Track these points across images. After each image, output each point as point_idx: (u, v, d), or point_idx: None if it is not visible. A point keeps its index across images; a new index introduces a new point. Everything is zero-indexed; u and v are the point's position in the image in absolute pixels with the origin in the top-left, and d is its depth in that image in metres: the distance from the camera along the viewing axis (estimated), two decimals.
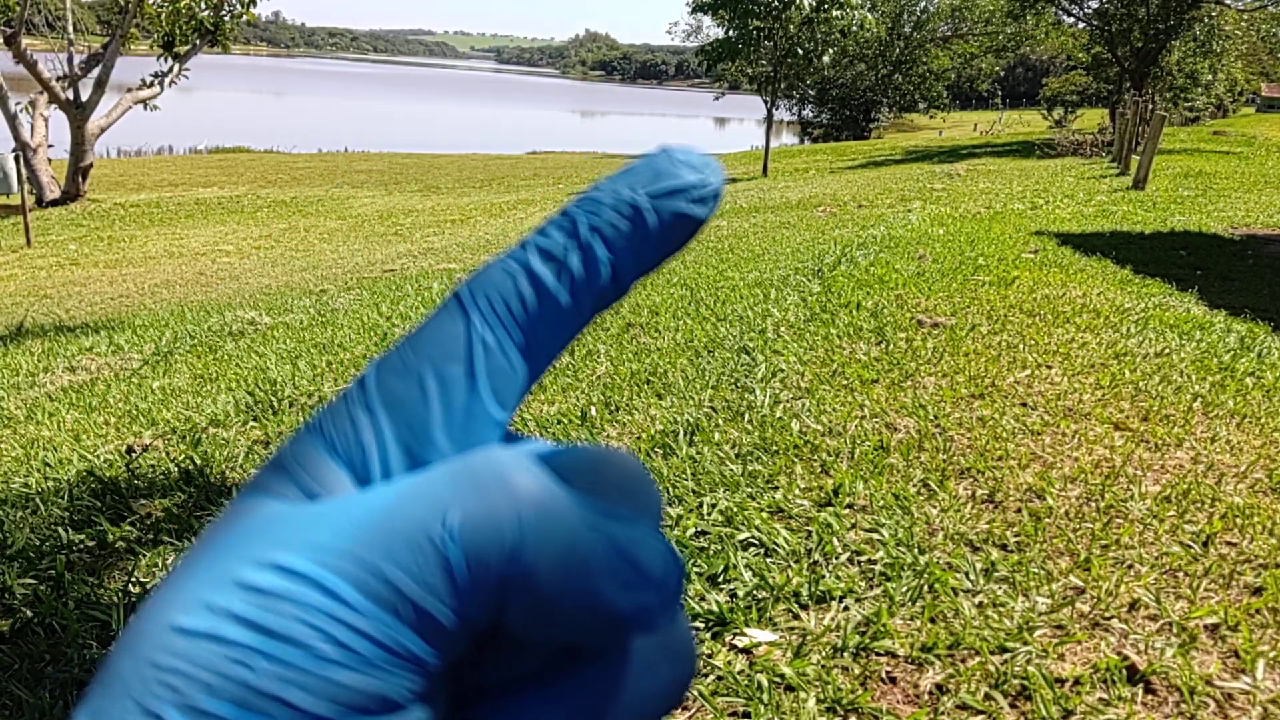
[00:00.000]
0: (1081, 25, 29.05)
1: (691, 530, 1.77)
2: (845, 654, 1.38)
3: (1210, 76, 30.31)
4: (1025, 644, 1.39)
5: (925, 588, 1.55)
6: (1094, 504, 1.87)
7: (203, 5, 16.14)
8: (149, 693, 0.14)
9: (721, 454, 2.14)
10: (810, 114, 41.97)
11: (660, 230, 0.18)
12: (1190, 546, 1.69)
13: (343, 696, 0.14)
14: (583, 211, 0.18)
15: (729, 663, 1.37)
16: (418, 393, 0.18)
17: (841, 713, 1.26)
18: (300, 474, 0.17)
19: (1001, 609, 1.49)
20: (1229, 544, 1.71)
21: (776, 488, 1.95)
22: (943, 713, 1.26)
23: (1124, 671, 1.33)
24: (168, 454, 2.45)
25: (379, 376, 0.18)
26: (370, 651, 0.14)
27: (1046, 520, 1.80)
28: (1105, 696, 1.28)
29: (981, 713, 1.25)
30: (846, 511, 1.84)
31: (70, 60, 15.81)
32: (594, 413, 2.53)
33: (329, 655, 0.14)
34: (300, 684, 0.14)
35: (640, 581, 0.17)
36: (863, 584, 1.57)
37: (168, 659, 0.14)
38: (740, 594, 1.54)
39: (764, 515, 1.81)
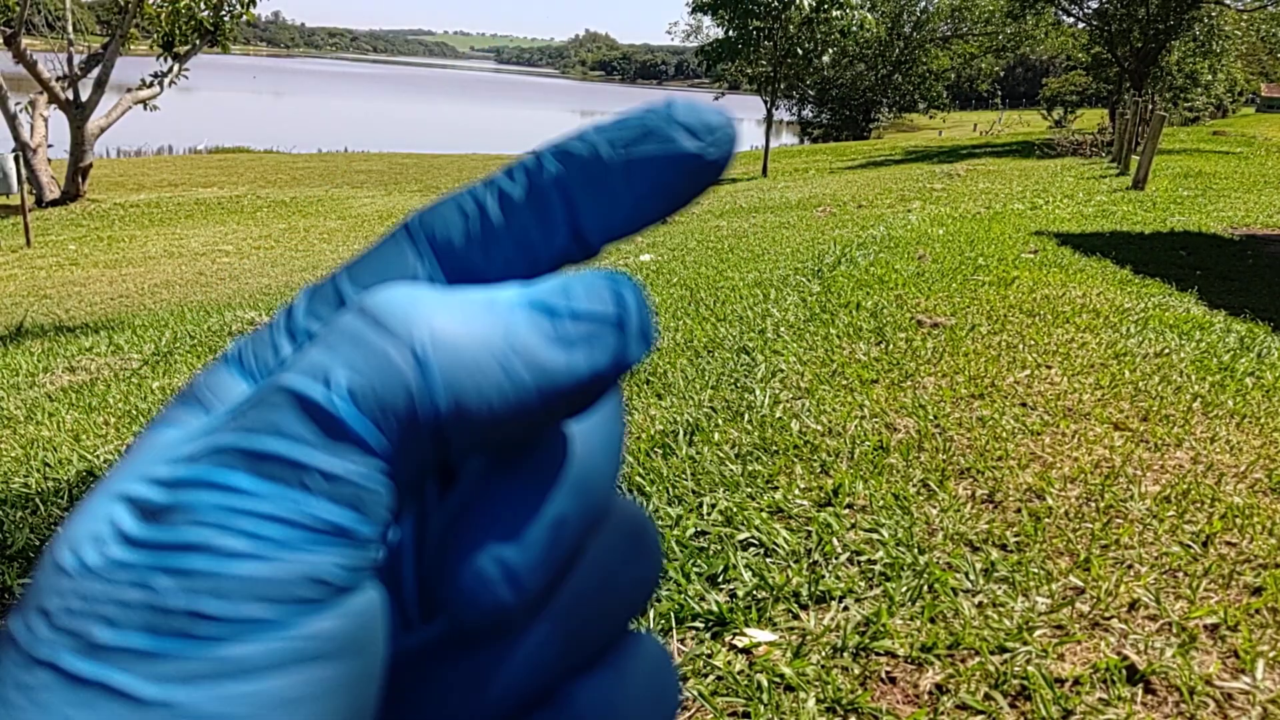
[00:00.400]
0: (1081, 25, 29.07)
1: (691, 530, 1.77)
2: (845, 654, 1.38)
3: (1210, 76, 30.33)
4: (1025, 644, 1.39)
5: (925, 588, 1.55)
6: (1094, 504, 1.87)
7: (202, 5, 16.14)
8: (38, 642, 0.13)
9: (721, 454, 2.14)
10: (810, 114, 41.98)
11: (634, 197, 0.17)
12: (1190, 546, 1.69)
13: (268, 591, 0.13)
14: (553, 160, 0.17)
15: (729, 663, 1.37)
16: None
17: (841, 713, 1.26)
18: (213, 403, 0.16)
19: (1001, 609, 1.49)
20: (1229, 544, 1.71)
21: (776, 488, 1.95)
22: (942, 713, 1.26)
23: (1124, 671, 1.33)
24: None
25: (310, 304, 0.17)
26: (283, 534, 0.13)
27: (1046, 520, 1.80)
28: (1105, 696, 1.28)
29: (981, 713, 1.25)
30: (846, 511, 1.84)
31: (70, 60, 15.82)
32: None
33: (237, 549, 0.13)
34: (213, 590, 0.13)
35: (590, 330, 0.15)
36: (862, 584, 1.57)
37: (56, 602, 0.13)
38: (740, 594, 1.54)
39: (764, 515, 1.81)
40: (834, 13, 18.48)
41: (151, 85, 16.60)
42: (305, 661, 0.13)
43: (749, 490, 1.94)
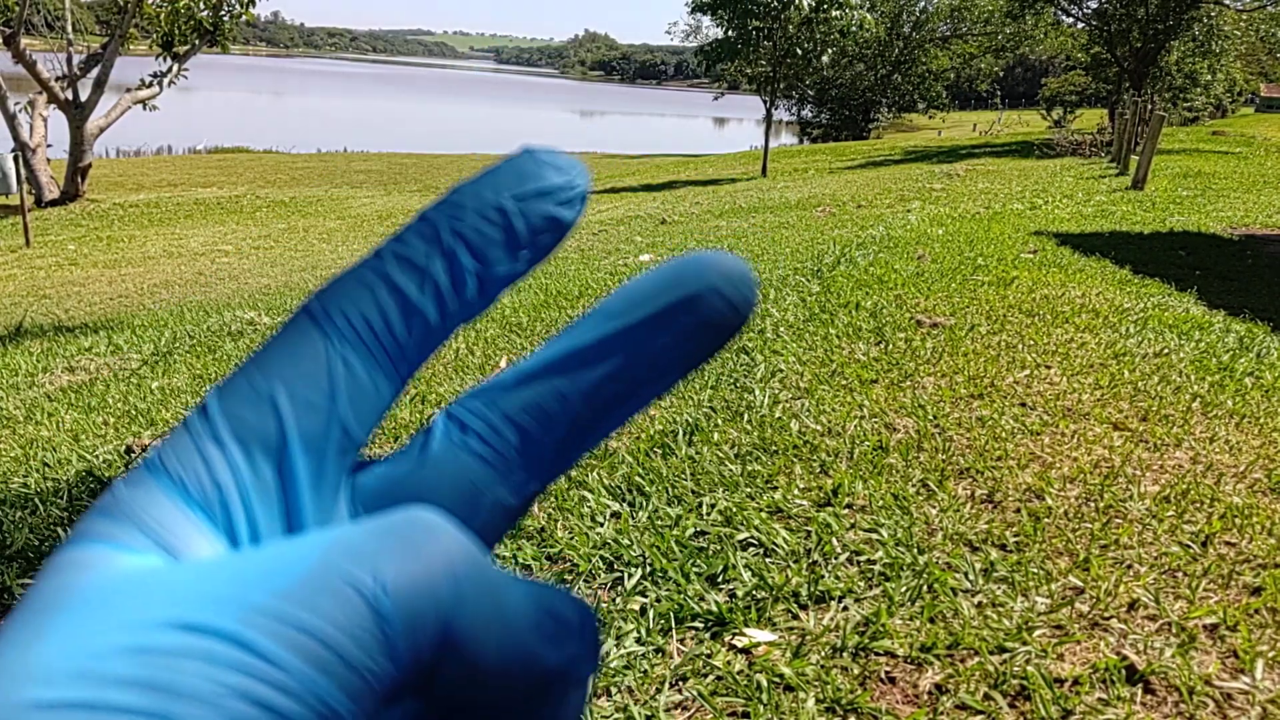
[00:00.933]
0: (1080, 25, 29.08)
1: (690, 530, 1.77)
2: (844, 654, 1.38)
3: (1209, 76, 30.34)
4: (1024, 644, 1.39)
5: (924, 588, 1.55)
6: (1093, 504, 1.87)
7: (202, 5, 16.14)
8: None
9: (720, 454, 2.14)
10: (809, 114, 41.98)
11: (528, 234, 0.17)
12: (1189, 546, 1.69)
13: None
14: (444, 216, 0.17)
15: (728, 663, 1.37)
16: (273, 421, 0.16)
17: (841, 713, 1.26)
18: (147, 523, 0.15)
19: (1001, 609, 1.49)
20: (1228, 544, 1.71)
21: (775, 488, 1.95)
22: (942, 713, 1.26)
23: (1123, 671, 1.33)
24: None
25: (224, 404, 0.16)
26: (291, 709, 0.13)
27: (1046, 520, 1.80)
28: (1104, 696, 1.28)
29: (981, 713, 1.25)
30: (846, 511, 1.84)
31: (69, 60, 15.81)
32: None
33: (241, 714, 0.12)
34: None
35: (564, 633, 0.15)
36: (862, 584, 1.58)
37: None
38: (739, 594, 1.54)
39: (763, 515, 1.81)
40: (833, 13, 18.48)
41: (151, 85, 16.60)
42: None
43: (748, 490, 1.94)
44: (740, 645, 1.42)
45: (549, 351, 0.18)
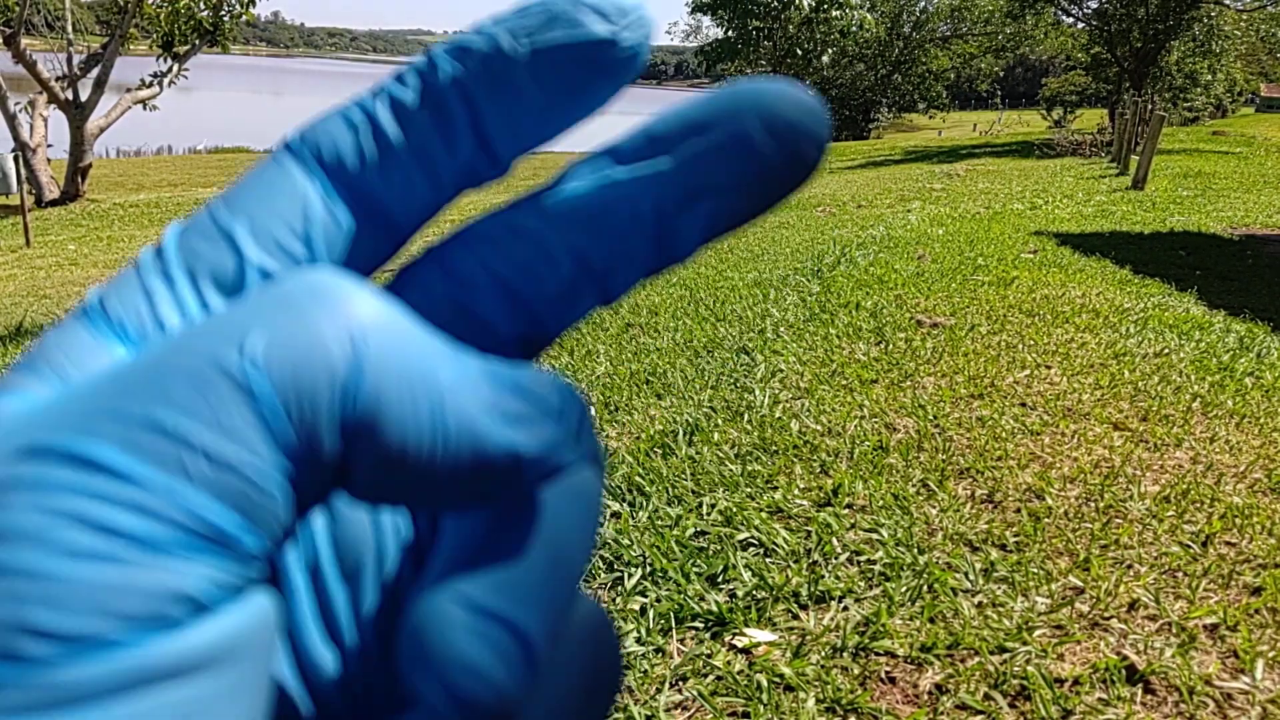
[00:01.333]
0: (1081, 25, 29.09)
1: (691, 530, 1.77)
2: (845, 654, 1.38)
3: (1209, 76, 30.34)
4: (1025, 644, 1.39)
5: (925, 588, 1.55)
6: (1093, 504, 1.87)
7: (202, 5, 16.14)
8: None
9: (721, 454, 2.14)
10: None
11: (544, 95, 0.14)
12: (1189, 546, 1.69)
13: (118, 604, 0.10)
14: (448, 59, 0.15)
15: (728, 663, 1.37)
16: (230, 253, 0.14)
17: (841, 713, 1.26)
18: (63, 364, 0.13)
19: (1001, 609, 1.49)
20: (1228, 544, 1.71)
21: (776, 488, 1.95)
22: (942, 713, 1.26)
23: (1123, 671, 1.33)
24: None
25: (182, 239, 0.14)
26: (148, 530, 0.10)
27: (1046, 520, 1.80)
28: (1104, 696, 1.28)
29: (981, 713, 1.25)
30: (846, 511, 1.84)
31: (69, 60, 15.82)
32: (593, 413, 2.53)
33: (87, 548, 0.10)
34: (45, 597, 0.10)
35: (530, 413, 0.12)
36: (862, 584, 1.58)
37: None
38: (740, 594, 1.54)
39: (763, 515, 1.81)
40: (833, 13, 18.50)
41: (151, 85, 16.60)
42: (164, 684, 0.10)
43: (748, 490, 1.94)
44: (740, 645, 1.42)
45: (533, 198, 0.15)
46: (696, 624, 1.48)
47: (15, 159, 11.09)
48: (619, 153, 0.15)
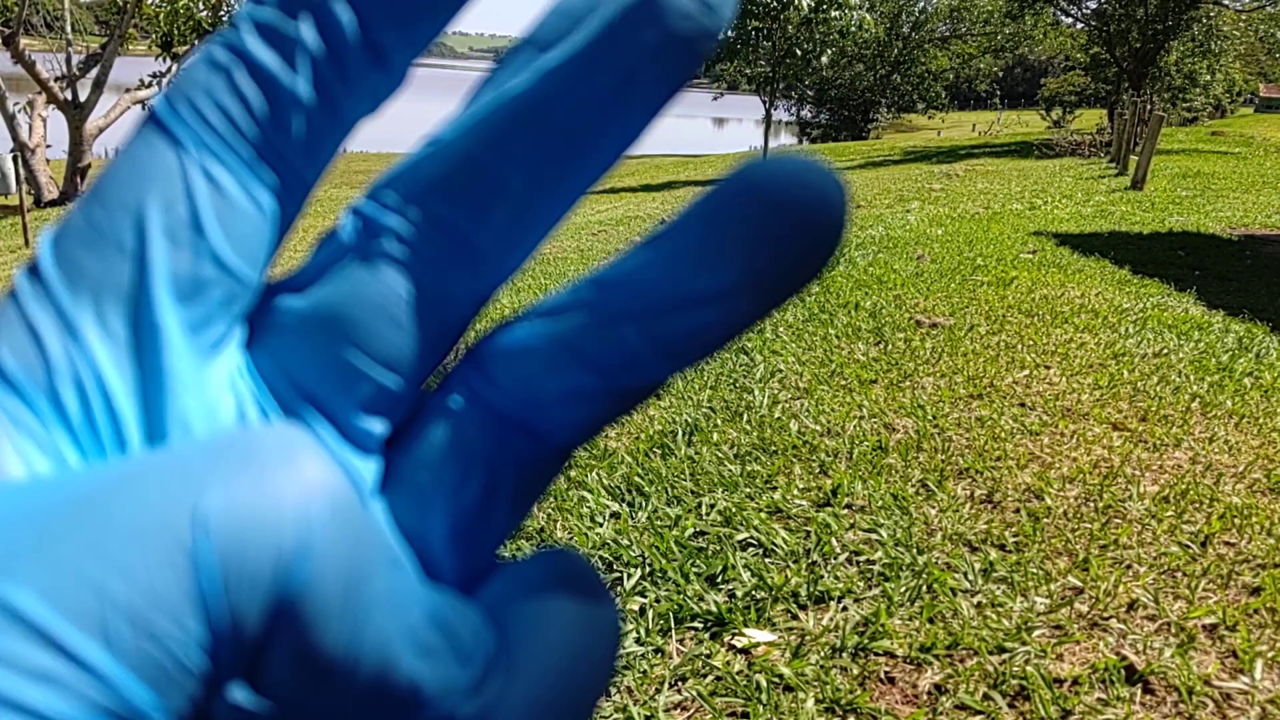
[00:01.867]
0: (1080, 25, 29.10)
1: (690, 530, 1.77)
2: (844, 654, 1.38)
3: (1208, 77, 30.35)
4: (1024, 644, 1.39)
5: (924, 588, 1.55)
6: (1092, 504, 1.87)
7: (201, 5, 16.15)
8: None
9: (720, 454, 2.14)
10: (808, 114, 41.99)
11: None
12: (1188, 547, 1.69)
13: None
14: None
15: (728, 663, 1.37)
16: (120, 261, 0.12)
17: (840, 713, 1.26)
18: None
19: (1000, 609, 1.49)
20: (1227, 544, 1.71)
21: (775, 488, 1.95)
22: (941, 713, 1.26)
23: (1122, 671, 1.33)
24: None
25: (57, 250, 0.12)
26: (56, 707, 0.09)
27: (1045, 520, 1.80)
28: (1104, 696, 1.28)
29: (980, 713, 1.25)
30: (845, 512, 1.84)
31: (68, 60, 15.82)
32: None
33: None
34: None
35: (442, 650, 0.11)
36: (861, 584, 1.58)
37: None
38: (739, 594, 1.54)
39: (762, 515, 1.81)
40: (833, 13, 18.48)
41: (150, 85, 16.60)
42: None
43: (748, 490, 1.94)
44: (740, 645, 1.42)
45: (464, 114, 0.13)
46: (696, 624, 1.48)
47: (14, 159, 11.09)
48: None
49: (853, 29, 19.37)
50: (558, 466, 0.14)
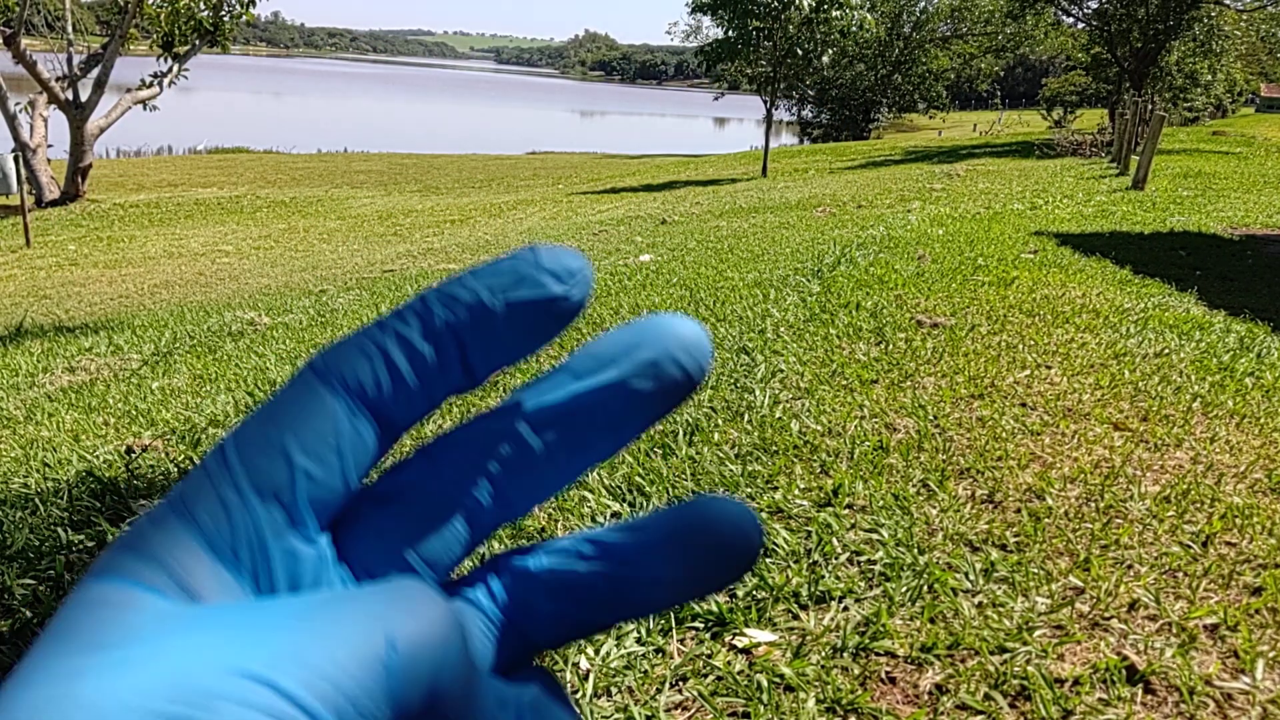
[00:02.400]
0: (1081, 25, 29.09)
1: None
2: (845, 654, 1.38)
3: (1210, 77, 30.34)
4: (1025, 644, 1.39)
5: (925, 588, 1.55)
6: (1093, 504, 1.87)
7: (202, 5, 16.15)
8: None
9: (721, 454, 2.14)
10: (810, 114, 41.99)
11: (513, 335, 0.19)
12: (1190, 547, 1.69)
13: None
14: (440, 305, 0.18)
15: (728, 663, 1.37)
16: (285, 471, 0.17)
17: (841, 713, 1.26)
18: (171, 565, 0.16)
19: (1001, 609, 1.49)
20: (1228, 544, 1.71)
21: (776, 488, 1.95)
22: (942, 713, 1.26)
23: (1123, 672, 1.33)
24: (167, 454, 2.45)
25: (241, 451, 0.17)
26: None
27: (1046, 520, 1.80)
28: (1105, 696, 1.28)
29: (981, 713, 1.25)
30: (846, 512, 1.84)
31: (70, 60, 15.83)
32: None
33: None
34: None
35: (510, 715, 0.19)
36: (862, 584, 1.57)
37: None
38: (739, 594, 1.54)
39: (763, 515, 1.81)
40: (834, 13, 18.47)
41: (151, 85, 16.60)
42: None
43: (749, 490, 1.94)
44: (740, 645, 1.42)
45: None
46: (696, 624, 1.48)
47: (15, 159, 11.09)
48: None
49: (854, 29, 19.36)
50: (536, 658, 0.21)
